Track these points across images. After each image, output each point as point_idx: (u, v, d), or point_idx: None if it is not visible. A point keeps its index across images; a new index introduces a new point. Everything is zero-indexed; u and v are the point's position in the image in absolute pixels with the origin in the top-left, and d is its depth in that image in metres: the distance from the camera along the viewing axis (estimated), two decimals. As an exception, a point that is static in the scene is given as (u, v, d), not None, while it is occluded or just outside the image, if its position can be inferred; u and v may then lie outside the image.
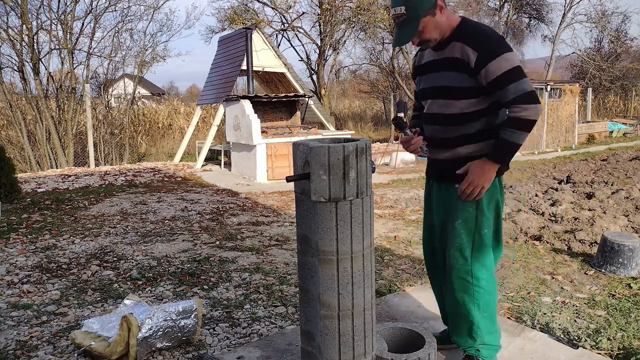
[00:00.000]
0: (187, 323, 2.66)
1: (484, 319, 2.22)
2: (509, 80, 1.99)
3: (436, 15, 2.04)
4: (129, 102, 15.61)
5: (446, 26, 2.08)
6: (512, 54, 2.01)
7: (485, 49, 2.01)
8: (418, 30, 2.05)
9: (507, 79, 1.99)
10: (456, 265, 2.21)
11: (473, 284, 2.19)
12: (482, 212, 2.16)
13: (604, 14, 24.23)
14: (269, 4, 19.89)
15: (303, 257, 1.96)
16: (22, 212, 6.07)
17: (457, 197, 2.17)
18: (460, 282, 2.21)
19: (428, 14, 2.02)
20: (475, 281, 2.19)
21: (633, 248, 3.74)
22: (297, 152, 1.92)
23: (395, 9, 2.03)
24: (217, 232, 5.19)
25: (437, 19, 2.05)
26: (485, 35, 2.04)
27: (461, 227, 2.18)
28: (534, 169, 9.76)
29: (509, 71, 1.99)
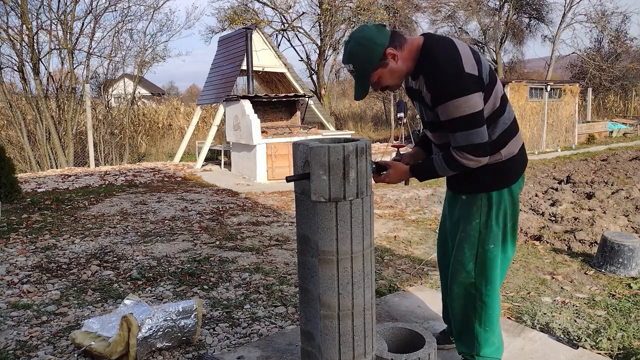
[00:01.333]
0: (187, 323, 2.66)
1: (484, 333, 2.18)
2: (457, 128, 1.88)
3: (388, 65, 1.93)
4: (129, 102, 15.61)
5: (408, 66, 1.96)
6: (463, 99, 1.82)
7: (435, 92, 1.88)
8: (373, 82, 1.98)
9: (455, 126, 1.88)
10: (459, 277, 2.17)
11: (475, 298, 2.15)
12: (487, 227, 2.08)
13: (604, 14, 24.24)
14: (269, 4, 19.89)
15: (303, 257, 1.96)
16: (22, 212, 6.07)
17: (464, 209, 2.12)
18: (462, 294, 2.17)
19: (377, 68, 1.93)
20: (478, 295, 2.15)
21: (633, 248, 3.74)
22: (297, 152, 1.92)
23: (346, 66, 1.97)
24: (217, 232, 5.19)
25: (392, 67, 1.94)
26: (438, 73, 1.87)
27: (464, 241, 2.12)
28: (534, 169, 9.76)
29: (458, 119, 1.86)
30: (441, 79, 1.85)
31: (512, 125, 2.06)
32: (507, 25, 24.60)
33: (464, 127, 1.86)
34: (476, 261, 2.11)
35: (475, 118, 1.85)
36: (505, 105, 2.03)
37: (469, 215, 2.10)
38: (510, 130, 2.04)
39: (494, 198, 2.06)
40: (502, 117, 2.01)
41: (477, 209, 2.08)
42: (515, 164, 2.09)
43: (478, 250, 2.10)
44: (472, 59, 1.87)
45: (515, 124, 2.08)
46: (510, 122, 2.05)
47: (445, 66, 1.85)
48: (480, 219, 2.08)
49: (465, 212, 2.11)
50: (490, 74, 1.95)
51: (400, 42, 1.93)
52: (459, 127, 1.87)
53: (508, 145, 2.04)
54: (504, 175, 2.07)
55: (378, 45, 1.89)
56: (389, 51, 1.90)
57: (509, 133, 2.04)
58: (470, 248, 2.11)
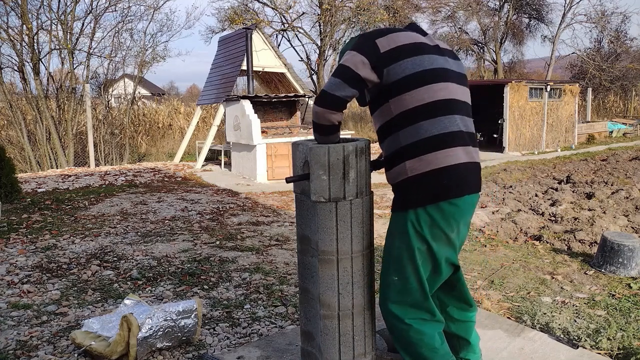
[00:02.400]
0: (187, 323, 2.66)
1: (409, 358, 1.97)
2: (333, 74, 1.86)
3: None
4: (129, 102, 15.61)
5: None
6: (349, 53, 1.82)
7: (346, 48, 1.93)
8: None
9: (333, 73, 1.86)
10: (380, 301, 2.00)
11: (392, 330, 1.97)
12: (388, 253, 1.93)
13: (603, 14, 24.26)
14: (269, 4, 19.90)
15: (303, 257, 1.96)
16: (22, 212, 6.07)
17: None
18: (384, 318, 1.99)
19: None
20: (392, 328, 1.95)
21: (633, 248, 3.74)
22: (297, 152, 1.92)
23: None
24: (217, 232, 5.19)
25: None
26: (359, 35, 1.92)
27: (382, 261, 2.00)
28: (534, 169, 9.77)
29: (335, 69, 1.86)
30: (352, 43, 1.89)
31: (427, 142, 1.78)
32: (507, 26, 24.62)
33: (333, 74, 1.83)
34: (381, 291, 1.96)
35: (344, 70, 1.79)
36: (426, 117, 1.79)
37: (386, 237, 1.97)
38: (433, 142, 1.78)
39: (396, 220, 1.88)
40: (415, 125, 1.78)
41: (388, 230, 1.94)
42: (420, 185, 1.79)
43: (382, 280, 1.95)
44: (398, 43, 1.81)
45: (435, 143, 1.78)
46: (426, 136, 1.78)
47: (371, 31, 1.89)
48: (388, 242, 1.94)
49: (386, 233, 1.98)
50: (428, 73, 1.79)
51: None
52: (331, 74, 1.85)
53: (416, 159, 1.78)
54: (405, 195, 1.83)
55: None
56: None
57: (430, 145, 1.78)
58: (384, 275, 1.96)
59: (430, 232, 1.81)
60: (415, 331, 1.89)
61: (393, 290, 1.91)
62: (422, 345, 1.89)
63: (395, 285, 1.90)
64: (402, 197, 1.85)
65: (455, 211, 1.82)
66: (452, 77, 1.87)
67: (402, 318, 1.90)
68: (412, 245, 1.83)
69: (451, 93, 1.84)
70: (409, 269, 1.86)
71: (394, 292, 1.91)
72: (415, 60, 1.80)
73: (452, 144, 1.80)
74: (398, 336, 1.95)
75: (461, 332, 2.15)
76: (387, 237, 1.95)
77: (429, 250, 1.84)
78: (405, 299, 1.90)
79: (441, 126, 1.79)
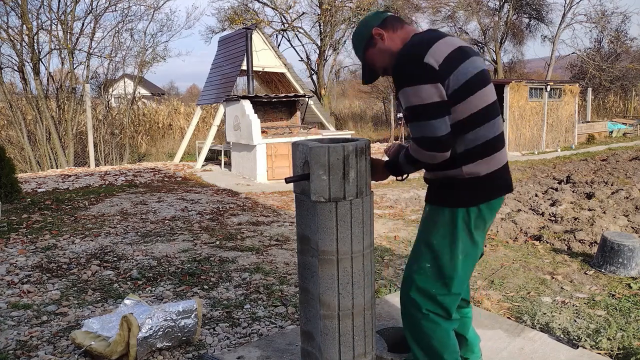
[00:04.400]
0: (187, 323, 2.66)
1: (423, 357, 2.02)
2: (410, 117, 1.80)
3: (377, 45, 1.92)
4: (129, 102, 15.61)
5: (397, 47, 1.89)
6: (413, 89, 1.73)
7: (393, 76, 1.83)
8: (369, 65, 1.99)
9: (409, 116, 1.80)
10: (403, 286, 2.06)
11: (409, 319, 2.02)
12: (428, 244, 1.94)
13: (604, 14, 24.26)
14: (269, 4, 19.91)
15: (303, 257, 1.96)
16: (22, 212, 6.07)
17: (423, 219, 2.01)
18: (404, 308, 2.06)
19: (368, 48, 1.95)
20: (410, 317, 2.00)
21: (633, 248, 3.74)
22: (297, 152, 1.92)
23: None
24: (217, 232, 5.19)
25: (380, 47, 1.92)
26: (398, 59, 1.80)
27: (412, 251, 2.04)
28: (534, 169, 9.77)
29: (410, 108, 1.77)
30: (398, 64, 1.79)
31: (489, 144, 1.85)
32: (507, 26, 24.62)
33: (417, 117, 1.76)
34: (408, 277, 2.00)
35: (428, 109, 1.73)
36: (486, 120, 1.84)
37: (421, 227, 2.00)
38: (483, 148, 1.84)
39: (445, 216, 1.90)
40: (474, 131, 1.82)
41: (427, 222, 1.96)
42: (477, 186, 1.85)
43: (413, 267, 1.98)
44: (444, 54, 1.74)
45: (488, 147, 1.85)
46: (488, 139, 1.85)
47: (407, 52, 1.79)
48: (427, 233, 1.95)
49: (422, 222, 2.02)
50: (471, 81, 1.79)
51: (394, 24, 1.92)
52: (413, 117, 1.78)
53: (475, 163, 1.83)
54: (460, 194, 1.87)
55: (367, 26, 1.94)
56: (375, 30, 1.91)
57: (482, 150, 1.84)
58: (410, 261, 2.02)
59: (475, 225, 1.90)
60: (431, 321, 1.95)
61: (422, 277, 1.95)
62: (435, 337, 1.95)
63: (426, 272, 1.95)
64: (455, 194, 1.88)
65: (498, 205, 1.96)
66: (488, 77, 1.90)
67: (421, 306, 1.95)
68: (457, 237, 1.89)
69: (493, 94, 1.90)
70: (446, 259, 1.91)
71: (423, 278, 1.95)
72: (463, 69, 1.78)
73: (500, 146, 1.91)
74: (412, 325, 2.00)
75: (459, 329, 2.17)
76: (425, 226, 1.97)
77: (472, 240, 1.92)
78: (430, 288, 1.94)
79: (491, 131, 1.86)
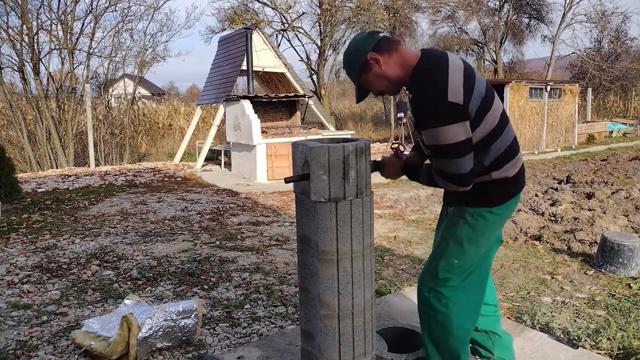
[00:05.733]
0: (187, 323, 2.66)
1: (436, 355, 2.08)
2: (436, 154, 1.85)
3: (372, 69, 1.89)
4: (129, 102, 15.61)
5: (397, 73, 1.90)
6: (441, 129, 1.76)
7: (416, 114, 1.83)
8: (364, 88, 1.97)
9: (435, 152, 1.85)
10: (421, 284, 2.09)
11: (429, 315, 2.05)
12: (458, 241, 1.99)
13: (604, 14, 24.26)
14: (269, 4, 19.90)
15: (303, 257, 1.96)
16: (22, 212, 6.07)
17: (449, 220, 2.06)
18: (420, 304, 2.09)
19: (362, 73, 1.91)
20: (432, 312, 2.04)
21: (633, 248, 3.74)
22: (297, 152, 1.92)
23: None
24: (217, 232, 5.19)
25: (376, 72, 1.89)
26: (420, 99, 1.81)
27: (436, 249, 2.08)
28: (534, 169, 9.77)
29: (437, 147, 1.81)
30: (422, 105, 1.80)
31: (510, 148, 1.95)
32: (507, 25, 24.62)
33: (442, 155, 1.81)
34: (434, 273, 2.03)
35: (454, 149, 1.78)
36: (503, 129, 1.93)
37: (448, 226, 2.04)
38: (507, 154, 1.94)
39: (474, 215, 1.97)
40: (496, 143, 1.91)
41: (456, 220, 2.01)
42: (506, 186, 1.97)
43: (440, 262, 2.01)
44: (460, 85, 1.78)
45: (514, 146, 1.98)
46: (508, 145, 1.94)
47: (428, 92, 1.78)
48: (454, 231, 2.00)
49: (448, 222, 2.06)
50: (485, 98, 1.85)
51: (389, 47, 1.88)
52: (438, 154, 1.83)
53: (503, 169, 1.94)
54: (488, 195, 1.96)
55: (361, 51, 1.88)
56: (370, 56, 1.86)
57: (506, 156, 1.94)
58: (435, 257, 2.05)
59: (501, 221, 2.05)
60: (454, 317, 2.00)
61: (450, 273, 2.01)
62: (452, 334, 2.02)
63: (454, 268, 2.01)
64: (485, 196, 1.96)
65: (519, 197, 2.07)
66: (489, 85, 1.95)
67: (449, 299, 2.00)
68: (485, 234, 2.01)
69: (499, 103, 1.96)
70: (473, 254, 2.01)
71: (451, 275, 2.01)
72: (477, 91, 1.83)
73: (517, 149, 2.01)
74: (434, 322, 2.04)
75: (490, 326, 2.25)
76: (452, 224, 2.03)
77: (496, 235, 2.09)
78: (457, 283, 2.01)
79: (509, 136, 1.96)
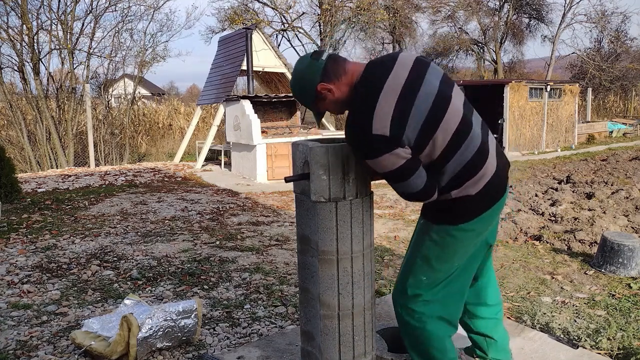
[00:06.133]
0: (187, 323, 2.66)
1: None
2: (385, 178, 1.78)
3: (327, 99, 1.80)
4: (129, 102, 15.61)
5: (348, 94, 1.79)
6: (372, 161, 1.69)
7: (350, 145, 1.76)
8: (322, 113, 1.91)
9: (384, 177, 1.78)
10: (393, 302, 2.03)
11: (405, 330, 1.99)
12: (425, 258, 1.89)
13: (604, 14, 24.27)
14: (269, 4, 19.91)
15: (303, 257, 1.96)
16: (22, 212, 6.07)
17: (416, 232, 2.01)
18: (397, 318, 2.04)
19: (317, 102, 1.84)
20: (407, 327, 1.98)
21: (633, 248, 3.74)
22: (297, 152, 1.92)
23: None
24: (217, 232, 5.19)
25: (330, 100, 1.80)
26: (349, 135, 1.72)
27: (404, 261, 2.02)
28: (534, 169, 9.77)
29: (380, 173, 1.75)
30: (349, 135, 1.72)
31: (471, 163, 1.75)
32: (507, 25, 24.63)
33: (389, 180, 1.76)
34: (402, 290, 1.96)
35: (395, 174, 1.71)
36: (460, 144, 1.73)
37: (417, 241, 1.97)
38: (467, 170, 1.75)
39: (440, 232, 1.87)
40: (452, 161, 1.73)
41: (422, 237, 1.93)
42: (470, 204, 1.79)
43: (409, 279, 1.94)
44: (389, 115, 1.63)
45: (478, 159, 1.76)
46: (468, 159, 1.74)
47: (353, 123, 1.71)
48: (421, 248, 1.91)
49: (416, 237, 1.99)
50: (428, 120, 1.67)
51: (337, 71, 1.76)
52: (388, 179, 1.77)
53: (463, 187, 1.76)
54: (452, 213, 1.82)
55: (308, 83, 1.78)
56: (320, 87, 1.76)
57: (466, 173, 1.75)
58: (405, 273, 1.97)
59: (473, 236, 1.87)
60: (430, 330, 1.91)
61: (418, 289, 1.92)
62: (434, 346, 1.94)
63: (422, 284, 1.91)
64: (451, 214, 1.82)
65: (500, 206, 1.90)
66: (447, 92, 1.74)
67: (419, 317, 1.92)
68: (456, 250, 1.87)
69: (456, 112, 1.74)
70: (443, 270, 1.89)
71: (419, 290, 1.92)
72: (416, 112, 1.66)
73: (483, 159, 1.78)
74: (410, 332, 1.98)
75: (486, 330, 2.19)
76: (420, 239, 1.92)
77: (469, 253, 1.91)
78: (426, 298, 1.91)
79: (469, 149, 1.75)
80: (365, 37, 20.38)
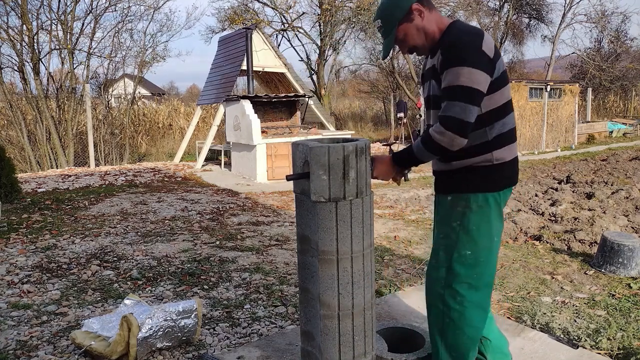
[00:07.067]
0: (187, 323, 2.66)
1: (446, 354, 2.03)
2: (451, 96, 1.80)
3: (414, 20, 1.91)
4: (129, 102, 15.61)
5: (434, 30, 1.93)
6: (469, 69, 1.77)
7: (446, 55, 1.83)
8: (399, 39, 1.97)
9: (450, 94, 1.80)
10: (430, 285, 2.04)
11: (443, 313, 2.00)
12: (467, 231, 1.94)
13: (604, 14, 24.25)
14: (269, 4, 19.90)
15: (303, 257, 1.96)
16: (22, 212, 6.07)
17: (446, 210, 2.00)
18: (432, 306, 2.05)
19: (403, 22, 1.92)
20: (446, 310, 1.98)
21: (633, 248, 3.74)
22: (297, 152, 1.92)
23: (375, 22, 1.99)
24: (217, 232, 5.19)
25: (417, 24, 1.92)
26: (456, 41, 1.84)
27: (440, 243, 2.01)
28: (534, 169, 9.76)
29: (456, 87, 1.79)
30: (457, 46, 1.82)
31: (509, 133, 1.97)
32: (507, 25, 24.61)
33: (458, 97, 1.78)
34: (448, 268, 1.96)
35: (468, 92, 1.77)
36: (508, 112, 1.95)
37: (449, 217, 1.98)
38: (507, 137, 1.95)
39: (478, 201, 1.93)
40: (501, 120, 1.93)
41: (458, 210, 1.95)
42: (504, 171, 1.95)
43: (453, 255, 1.95)
44: (492, 46, 1.87)
45: (513, 134, 1.99)
46: (508, 129, 1.96)
47: (465, 37, 1.84)
48: (461, 221, 1.94)
49: (446, 213, 2.00)
50: (503, 74, 1.92)
51: (430, 4, 1.95)
52: (453, 96, 1.79)
53: (502, 149, 1.93)
54: (489, 179, 1.93)
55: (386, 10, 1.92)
56: (415, 6, 1.90)
57: (506, 138, 1.95)
58: (446, 251, 1.98)
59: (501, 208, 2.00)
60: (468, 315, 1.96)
61: (464, 266, 1.96)
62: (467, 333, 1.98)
63: (467, 259, 1.96)
64: (485, 180, 1.94)
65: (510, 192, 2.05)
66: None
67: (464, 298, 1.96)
68: (491, 220, 1.96)
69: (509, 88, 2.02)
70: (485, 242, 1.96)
71: (464, 267, 1.96)
72: (501, 62, 1.91)
73: (515, 138, 2.02)
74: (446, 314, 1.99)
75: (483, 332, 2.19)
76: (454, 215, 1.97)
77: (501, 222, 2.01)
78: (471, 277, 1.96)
79: (512, 121, 1.98)
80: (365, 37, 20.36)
